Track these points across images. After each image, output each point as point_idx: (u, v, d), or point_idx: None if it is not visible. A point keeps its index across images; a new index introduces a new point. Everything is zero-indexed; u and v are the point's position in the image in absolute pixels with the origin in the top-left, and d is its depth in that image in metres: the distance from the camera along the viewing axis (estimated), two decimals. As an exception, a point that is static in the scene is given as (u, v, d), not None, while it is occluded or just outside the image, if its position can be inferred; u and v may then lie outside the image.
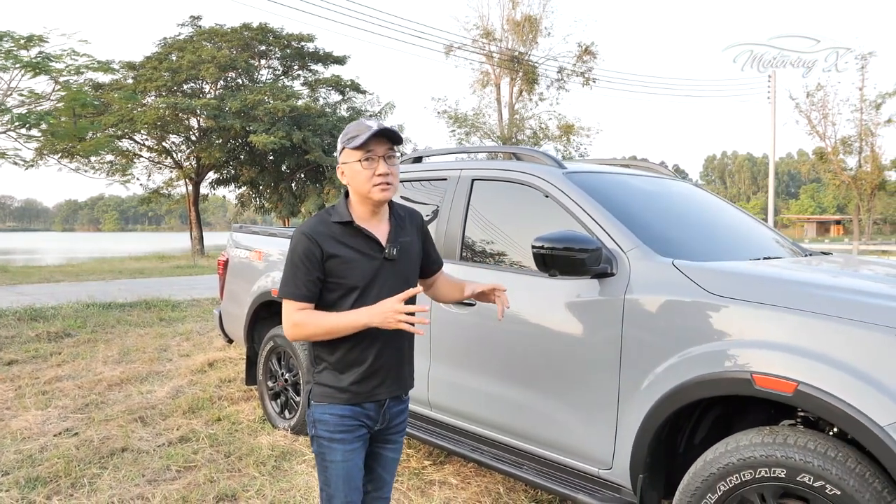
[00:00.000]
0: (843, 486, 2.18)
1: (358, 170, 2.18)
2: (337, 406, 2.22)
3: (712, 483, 2.43)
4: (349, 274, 2.19)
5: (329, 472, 2.24)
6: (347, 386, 2.22)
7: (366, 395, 2.24)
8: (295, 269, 2.17)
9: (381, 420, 2.30)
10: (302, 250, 2.17)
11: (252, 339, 5.11)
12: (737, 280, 2.57)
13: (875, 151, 38.86)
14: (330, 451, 2.23)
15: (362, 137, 2.15)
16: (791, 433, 2.36)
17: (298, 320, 2.17)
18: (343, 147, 2.22)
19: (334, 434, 2.22)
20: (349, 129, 2.24)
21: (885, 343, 2.17)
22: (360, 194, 2.22)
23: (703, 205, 3.80)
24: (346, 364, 2.22)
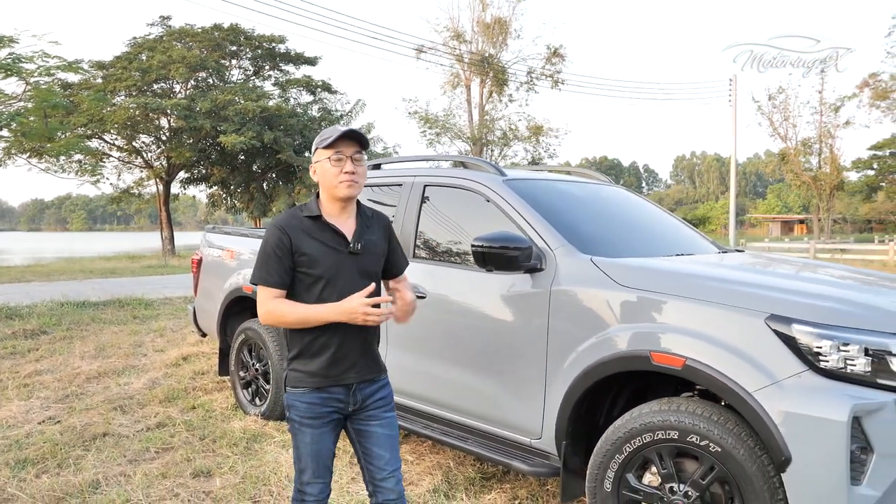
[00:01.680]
0: (723, 444, 2.64)
1: (327, 167, 2.41)
2: (307, 394, 2.42)
3: (620, 445, 2.88)
4: (316, 265, 2.39)
5: (300, 451, 2.48)
6: (316, 370, 2.41)
7: (334, 379, 2.43)
8: (267, 258, 2.39)
9: (353, 402, 2.48)
10: (274, 241, 2.39)
11: (224, 333, 5.47)
12: (641, 273, 3.02)
13: (834, 153, 40.10)
14: (300, 433, 2.46)
15: (332, 138, 2.40)
16: (683, 402, 2.82)
17: (272, 308, 2.39)
18: (316, 147, 2.46)
19: (303, 419, 2.44)
20: (323, 132, 2.48)
21: (752, 324, 2.63)
22: (329, 191, 2.44)
23: (630, 208, 4.26)
24: (314, 350, 2.42)
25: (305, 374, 2.44)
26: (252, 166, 29.89)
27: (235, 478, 3.94)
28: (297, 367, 2.46)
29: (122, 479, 3.95)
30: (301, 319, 2.38)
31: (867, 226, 64.55)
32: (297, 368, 2.46)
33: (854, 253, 27.57)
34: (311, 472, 2.48)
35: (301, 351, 2.45)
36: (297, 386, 2.45)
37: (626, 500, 2.91)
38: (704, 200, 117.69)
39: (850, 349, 2.52)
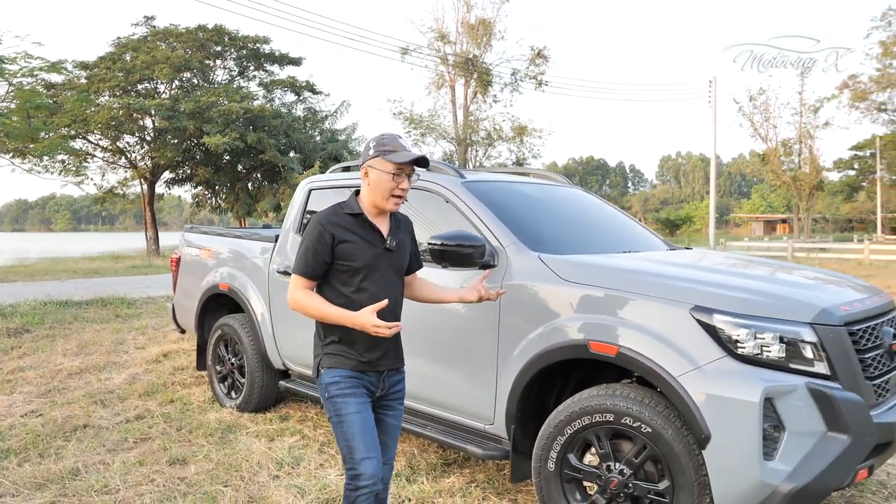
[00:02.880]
0: (653, 425, 2.87)
1: (384, 179, 2.55)
2: (345, 369, 2.58)
3: (561, 427, 3.11)
4: (355, 258, 2.56)
5: (346, 426, 2.55)
6: (355, 355, 2.60)
7: (370, 365, 2.61)
8: (307, 251, 2.55)
9: (381, 387, 2.68)
10: (315, 235, 2.54)
11: (202, 328, 5.67)
12: (583, 269, 3.26)
13: (813, 153, 40.66)
14: (344, 405, 2.56)
15: (401, 157, 2.53)
16: (619, 387, 3.05)
17: (300, 297, 2.57)
18: (377, 155, 2.55)
19: (345, 390, 2.57)
20: (386, 139, 2.59)
21: (679, 314, 2.87)
22: (376, 199, 2.59)
23: (584, 208, 4.50)
24: (352, 340, 2.58)
25: (344, 357, 2.60)
26: (237, 166, 29.97)
27: (209, 465, 4.14)
28: (335, 350, 2.61)
29: (101, 466, 4.15)
30: (320, 316, 2.58)
31: (848, 225, 65.36)
32: (335, 352, 2.61)
33: (832, 252, 28.00)
34: (362, 447, 2.53)
35: (340, 337, 2.60)
36: (334, 366, 2.60)
37: (567, 479, 3.14)
38: (690, 200, 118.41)
39: (766, 337, 2.77)
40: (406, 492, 3.73)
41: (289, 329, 4.77)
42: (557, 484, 3.15)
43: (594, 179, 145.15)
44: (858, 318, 2.97)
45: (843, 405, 2.70)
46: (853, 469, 2.74)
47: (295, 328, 4.72)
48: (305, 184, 5.00)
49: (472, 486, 3.83)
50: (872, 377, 2.93)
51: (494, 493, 3.77)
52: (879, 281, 16.67)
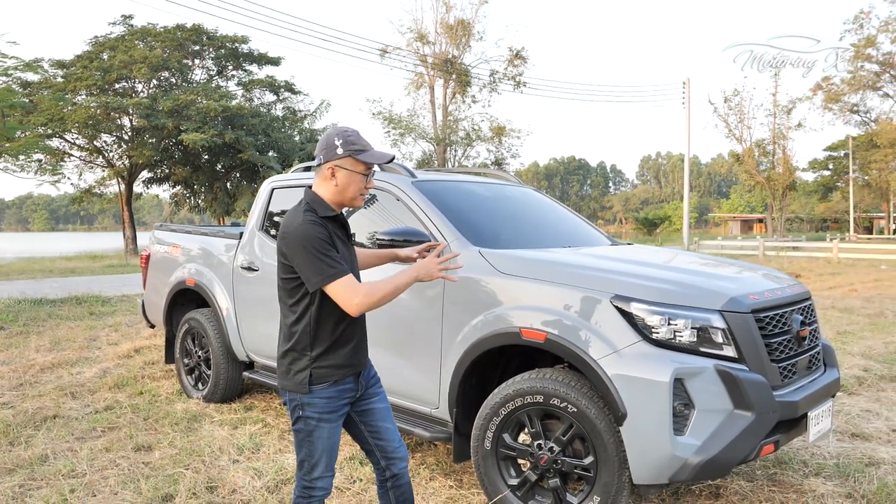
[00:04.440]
0: (578, 405, 3.12)
1: (356, 179, 2.47)
2: (326, 389, 2.47)
3: (497, 409, 3.35)
4: (342, 258, 2.46)
5: (314, 447, 2.51)
6: (343, 361, 2.50)
7: (355, 367, 2.56)
8: (327, 253, 2.36)
9: (359, 388, 2.60)
10: (322, 236, 2.37)
11: (170, 323, 5.86)
12: (519, 262, 3.50)
13: (787, 154, 41.34)
14: (317, 430, 2.49)
15: (374, 158, 2.47)
16: (549, 371, 3.30)
17: (368, 290, 2.38)
18: (348, 154, 2.44)
19: (322, 415, 2.48)
20: (353, 138, 2.47)
21: (600, 303, 3.13)
22: (344, 198, 2.50)
23: (531, 206, 4.75)
24: (343, 340, 2.50)
25: (332, 368, 2.49)
26: (215, 166, 29.97)
27: (173, 450, 4.35)
28: (324, 362, 2.48)
29: (69, 453, 4.34)
30: (394, 289, 2.44)
31: (823, 224, 66.40)
32: (324, 364, 2.48)
33: (804, 251, 28.58)
34: (324, 467, 2.54)
35: (331, 344, 2.48)
36: (320, 382, 2.47)
37: (503, 457, 3.39)
38: (670, 200, 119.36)
39: (678, 323, 3.03)
40: (358, 473, 3.96)
41: (252, 322, 4.98)
42: (494, 462, 3.39)
43: (576, 179, 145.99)
44: (767, 306, 3.24)
45: (747, 385, 2.97)
46: (757, 443, 3.01)
47: (258, 321, 4.93)
48: (268, 183, 5.20)
49: (422, 468, 4.06)
50: (778, 360, 3.20)
51: (442, 474, 4.01)
52: (844, 279, 17.17)
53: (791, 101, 41.44)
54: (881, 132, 41.69)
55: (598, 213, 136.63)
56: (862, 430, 4.79)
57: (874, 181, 49.34)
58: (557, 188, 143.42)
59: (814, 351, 3.55)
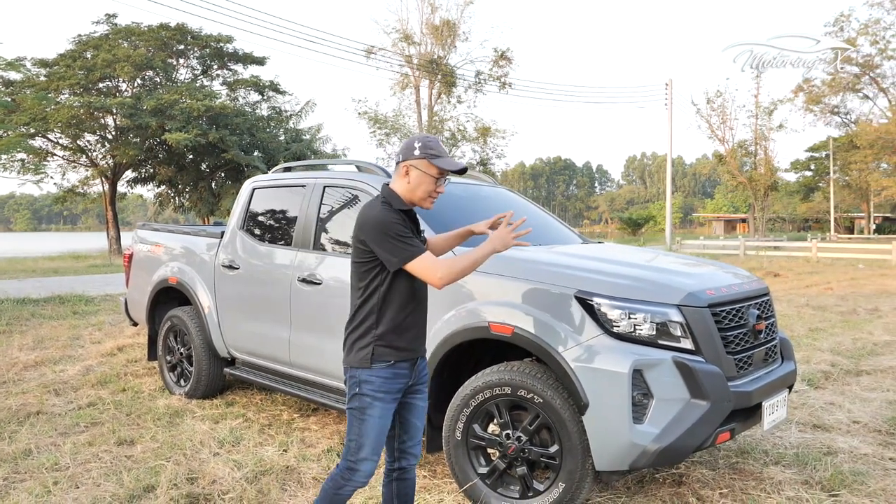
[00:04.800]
0: (544, 396, 3.27)
1: (428, 181, 2.65)
2: (385, 369, 2.62)
3: (467, 400, 3.49)
4: None
5: (365, 426, 2.61)
6: (405, 345, 2.65)
7: (414, 352, 2.70)
8: (403, 236, 2.54)
9: (413, 377, 2.74)
10: (397, 221, 2.56)
11: (153, 321, 5.96)
12: (489, 260, 3.63)
13: (768, 154, 41.81)
14: (370, 408, 2.61)
15: (447, 165, 2.65)
16: (517, 364, 3.45)
17: (448, 265, 2.55)
18: (424, 157, 2.63)
19: (377, 393, 2.61)
20: (432, 143, 2.67)
21: (565, 298, 3.28)
22: (414, 198, 2.68)
23: (505, 205, 4.88)
24: (406, 325, 2.66)
25: (392, 349, 2.63)
26: (200, 165, 29.91)
27: (155, 444, 4.45)
28: (387, 342, 2.62)
29: (53, 447, 4.43)
30: (473, 263, 2.63)
31: (805, 224, 67.17)
32: (385, 343, 2.62)
33: (784, 250, 28.96)
34: (369, 449, 2.62)
35: (395, 326, 2.63)
36: (380, 360, 2.61)
37: (473, 447, 3.53)
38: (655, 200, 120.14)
39: (637, 317, 3.18)
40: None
41: (233, 319, 5.09)
42: (464, 451, 3.53)
43: (562, 179, 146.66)
44: (723, 300, 3.40)
45: (703, 376, 3.12)
46: (713, 431, 3.16)
47: (239, 318, 5.04)
48: (249, 183, 5.32)
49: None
50: (734, 352, 3.36)
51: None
52: (821, 278, 17.46)
53: (773, 102, 41.95)
54: (861, 133, 42.23)
55: (584, 213, 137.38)
56: (823, 422, 4.97)
57: (854, 182, 50.01)
58: (544, 188, 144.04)
59: (770, 344, 3.72)
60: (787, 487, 3.78)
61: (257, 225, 5.11)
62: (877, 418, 5.04)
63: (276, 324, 4.67)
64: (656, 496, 3.71)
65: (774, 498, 3.64)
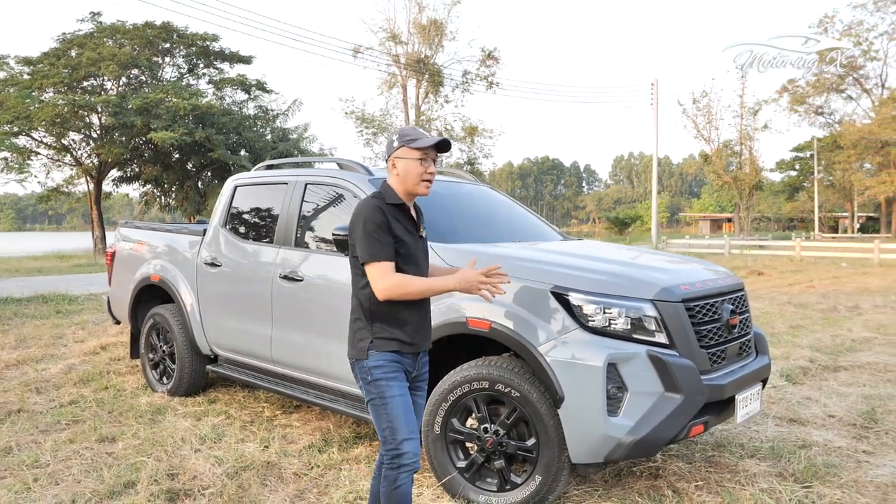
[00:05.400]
0: (521, 390, 3.31)
1: (413, 167, 2.67)
2: (390, 353, 2.65)
3: (446, 395, 3.53)
4: (402, 246, 2.65)
5: (390, 407, 2.62)
6: (404, 338, 2.68)
7: (415, 346, 2.72)
8: (378, 236, 2.57)
9: (415, 370, 2.78)
10: (378, 220, 2.58)
11: (135, 318, 5.96)
12: (465, 256, 3.67)
13: (753, 154, 42.15)
14: (388, 388, 2.63)
15: (424, 142, 2.66)
16: (494, 358, 3.49)
17: (400, 280, 2.58)
18: (402, 145, 2.67)
19: (389, 374, 2.65)
20: (408, 130, 2.72)
21: (541, 294, 3.32)
22: (408, 187, 2.70)
23: (486, 203, 4.94)
24: (401, 320, 2.67)
25: (392, 340, 2.67)
26: (186, 165, 29.78)
27: (136, 441, 4.46)
28: (384, 334, 2.66)
29: (33, 445, 4.43)
30: (425, 289, 2.62)
31: (790, 224, 67.69)
32: (384, 336, 2.66)
33: (769, 249, 29.25)
34: (405, 428, 2.62)
35: (392, 320, 2.67)
36: (381, 349, 2.65)
37: (451, 440, 3.57)
38: (642, 200, 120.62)
39: (612, 312, 3.23)
40: (316, 460, 4.11)
41: (215, 317, 5.10)
42: (443, 445, 3.57)
43: (549, 179, 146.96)
44: (697, 295, 3.45)
45: (677, 370, 3.18)
46: (686, 424, 3.22)
47: (221, 316, 5.06)
48: (231, 181, 5.33)
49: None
50: (708, 346, 3.41)
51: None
52: (804, 276, 17.64)
53: (757, 102, 42.32)
54: (844, 134, 42.70)
55: (572, 212, 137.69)
56: (800, 416, 5.05)
57: (838, 182, 50.50)
58: (532, 188, 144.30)
59: (744, 338, 3.78)
60: (762, 480, 3.84)
61: (239, 222, 5.12)
62: (852, 412, 5.13)
63: (258, 321, 4.69)
64: (633, 489, 3.76)
65: (748, 490, 3.69)
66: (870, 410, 5.17)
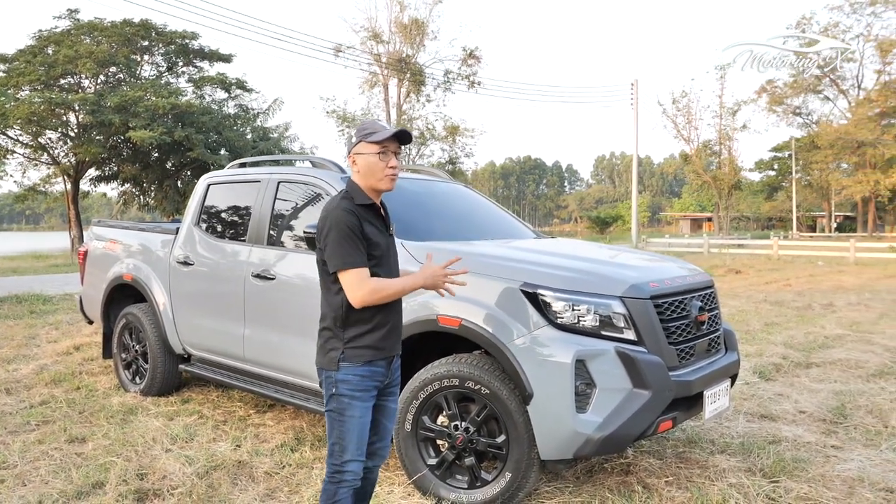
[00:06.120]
0: (491, 387, 3.32)
1: (373, 161, 2.56)
2: (359, 368, 2.55)
3: (416, 392, 3.53)
4: (375, 247, 2.55)
5: (345, 427, 2.55)
6: (374, 343, 2.57)
7: (387, 351, 2.63)
8: (351, 241, 2.47)
9: (388, 376, 2.68)
10: (350, 224, 2.48)
11: (108, 318, 5.90)
12: (437, 253, 3.63)
13: (732, 154, 42.54)
14: (350, 408, 2.54)
15: (382, 135, 2.55)
16: (465, 356, 3.49)
17: (376, 286, 2.49)
18: (360, 140, 2.58)
19: (355, 392, 2.54)
20: (366, 125, 2.61)
21: (510, 291, 3.33)
22: (372, 183, 2.59)
23: (460, 201, 4.94)
24: (375, 325, 2.58)
25: (363, 349, 2.56)
26: (166, 164, 29.50)
27: (107, 441, 4.41)
28: (356, 343, 2.56)
29: (1, 446, 4.37)
30: (400, 290, 2.55)
31: (769, 223, 68.38)
32: (356, 344, 2.56)
33: (748, 248, 29.56)
34: (353, 450, 2.56)
35: (364, 326, 2.57)
36: (352, 361, 2.55)
37: (422, 438, 3.57)
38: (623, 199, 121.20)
39: (581, 308, 3.25)
40: (288, 459, 4.09)
41: (188, 316, 5.06)
42: (414, 443, 3.57)
43: (531, 179, 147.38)
44: (666, 292, 3.48)
45: (645, 366, 3.20)
46: (654, 420, 3.24)
47: (193, 315, 5.02)
48: (204, 179, 5.30)
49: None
50: (676, 343, 3.44)
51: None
52: (781, 274, 17.83)
53: (736, 103, 42.74)
54: (822, 134, 43.20)
55: (554, 212, 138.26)
56: (771, 412, 5.10)
57: (816, 181, 51.09)
58: (514, 187, 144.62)
59: (713, 335, 3.81)
60: (731, 475, 3.88)
61: (212, 221, 5.09)
62: (822, 408, 5.19)
63: (231, 320, 4.66)
64: (604, 485, 3.79)
65: (717, 485, 3.73)
66: (839, 406, 5.24)
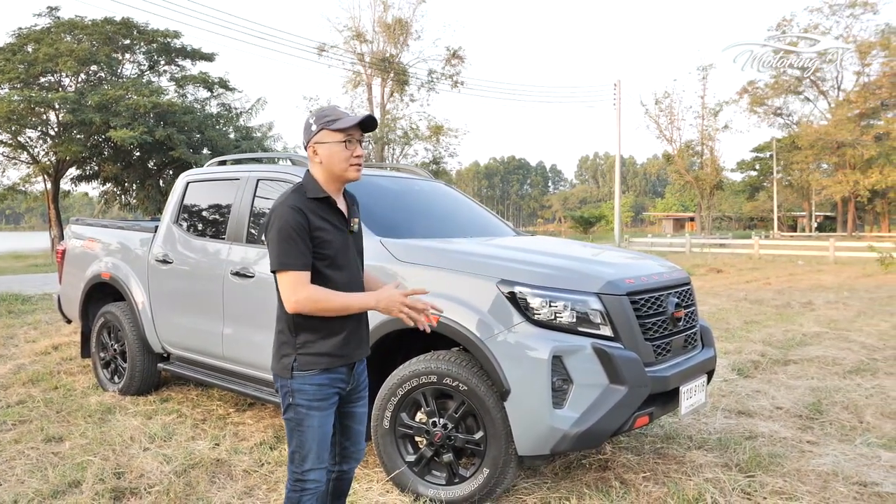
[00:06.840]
0: (469, 384, 3.33)
1: (336, 150, 2.38)
2: (316, 376, 2.41)
3: (395, 389, 3.53)
4: (328, 246, 2.37)
5: (304, 437, 2.43)
6: (330, 350, 2.42)
7: (346, 358, 2.47)
8: (293, 242, 2.29)
9: (351, 381, 2.54)
10: (295, 223, 2.29)
11: (86, 317, 5.85)
12: (416, 251, 3.69)
13: (714, 155, 42.88)
14: (308, 418, 2.42)
15: (346, 122, 2.37)
16: (443, 353, 3.50)
17: (311, 294, 2.30)
18: (321, 128, 2.38)
19: (312, 402, 2.41)
20: (326, 111, 2.42)
21: (487, 287, 3.35)
22: (335, 173, 2.41)
23: (439, 199, 4.95)
24: (330, 331, 2.41)
25: (318, 356, 2.42)
26: (147, 163, 29.28)
27: (84, 441, 4.38)
28: (310, 350, 2.42)
29: (-24, 447, 4.33)
30: (344, 307, 2.36)
31: (751, 223, 68.99)
32: (310, 351, 2.42)
33: (730, 247, 29.83)
34: (314, 458, 2.46)
35: (318, 332, 2.42)
36: (307, 369, 2.41)
37: (400, 435, 3.57)
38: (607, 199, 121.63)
39: (558, 305, 3.27)
40: (267, 457, 4.09)
41: (167, 314, 5.04)
42: (392, 440, 3.57)
43: (515, 178, 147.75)
44: (642, 289, 3.51)
45: (621, 362, 3.23)
46: (631, 415, 3.27)
47: (172, 313, 4.99)
48: (184, 177, 5.27)
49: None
50: (652, 339, 3.47)
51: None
52: (762, 273, 18.01)
53: (718, 103, 43.07)
54: (802, 134, 43.64)
55: (538, 212, 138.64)
56: (748, 408, 5.16)
57: (796, 181, 51.60)
58: (498, 187, 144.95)
59: (690, 331, 3.85)
60: (707, 470, 3.92)
61: (191, 219, 5.07)
62: (798, 404, 5.25)
63: (210, 318, 4.64)
64: (581, 481, 3.81)
65: (693, 480, 3.76)
66: (816, 402, 5.30)
